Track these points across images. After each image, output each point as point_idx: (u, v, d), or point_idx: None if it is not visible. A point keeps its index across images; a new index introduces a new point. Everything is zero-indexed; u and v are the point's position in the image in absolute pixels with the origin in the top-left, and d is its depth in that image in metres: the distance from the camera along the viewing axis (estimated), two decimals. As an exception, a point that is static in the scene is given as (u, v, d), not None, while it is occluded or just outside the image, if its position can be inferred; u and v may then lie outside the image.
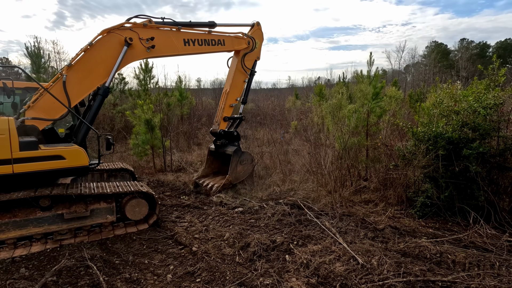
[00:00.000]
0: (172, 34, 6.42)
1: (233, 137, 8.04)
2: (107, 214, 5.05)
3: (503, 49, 48.26)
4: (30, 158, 4.40)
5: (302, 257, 4.23)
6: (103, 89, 5.58)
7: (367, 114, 8.24)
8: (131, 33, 5.72)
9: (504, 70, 5.53)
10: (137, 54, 5.94)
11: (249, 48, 7.88)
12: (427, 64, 49.86)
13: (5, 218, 4.34)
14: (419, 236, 4.97)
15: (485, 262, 4.00)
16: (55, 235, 4.75)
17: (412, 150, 5.94)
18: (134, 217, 5.38)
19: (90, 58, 5.33)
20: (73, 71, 5.19)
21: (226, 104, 7.99)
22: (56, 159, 4.63)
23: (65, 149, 4.75)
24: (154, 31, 6.10)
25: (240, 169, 7.92)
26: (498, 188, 5.53)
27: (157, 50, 6.16)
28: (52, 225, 4.66)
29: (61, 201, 4.73)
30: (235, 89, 8.08)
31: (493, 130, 5.33)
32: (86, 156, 4.96)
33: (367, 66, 8.56)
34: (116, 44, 5.58)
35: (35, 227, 4.54)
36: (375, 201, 6.62)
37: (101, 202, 5.01)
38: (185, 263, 4.28)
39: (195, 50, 6.84)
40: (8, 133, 4.19)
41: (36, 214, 4.54)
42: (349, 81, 22.35)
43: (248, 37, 7.87)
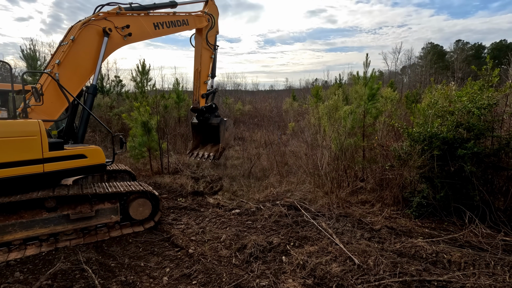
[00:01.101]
0: (142, 20, 6.64)
1: (212, 109, 8.95)
2: (112, 214, 5.13)
3: (498, 50, 48.70)
4: (58, 157, 4.69)
5: (299, 258, 4.23)
6: (91, 88, 5.73)
7: (363, 115, 8.27)
8: (107, 23, 5.84)
9: (497, 71, 5.58)
10: (115, 44, 6.09)
11: (210, 25, 8.46)
12: (423, 65, 50.23)
13: (11, 220, 4.40)
14: (415, 236, 4.98)
15: (480, 261, 4.02)
16: (61, 236, 4.82)
17: (407, 151, 5.97)
18: (138, 217, 5.46)
19: (75, 53, 5.39)
20: (62, 69, 5.22)
21: (201, 82, 8.60)
22: (79, 158, 4.95)
23: (86, 149, 5.08)
24: (127, 19, 6.27)
25: (227, 135, 8.84)
26: (493, 188, 5.57)
27: (133, 37, 6.39)
28: (58, 226, 4.71)
29: (66, 202, 4.80)
30: (205, 66, 8.72)
31: (487, 130, 5.37)
32: (104, 155, 5.26)
33: (364, 67, 8.60)
34: (95, 35, 5.66)
35: (41, 228, 4.59)
36: (371, 202, 6.64)
37: (106, 203, 5.08)
38: (181, 265, 4.27)
39: (164, 32, 7.18)
40: (39, 134, 4.43)
41: (42, 215, 4.59)
42: (346, 83, 22.46)
43: (207, 14, 8.37)
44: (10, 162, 4.26)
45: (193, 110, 8.97)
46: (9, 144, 4.23)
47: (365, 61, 8.19)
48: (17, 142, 4.29)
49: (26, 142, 4.35)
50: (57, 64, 5.20)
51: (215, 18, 8.76)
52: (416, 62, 54.04)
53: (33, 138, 4.40)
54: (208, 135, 9.30)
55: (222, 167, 10.64)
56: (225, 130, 8.77)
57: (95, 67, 5.65)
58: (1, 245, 4.44)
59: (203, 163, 10.27)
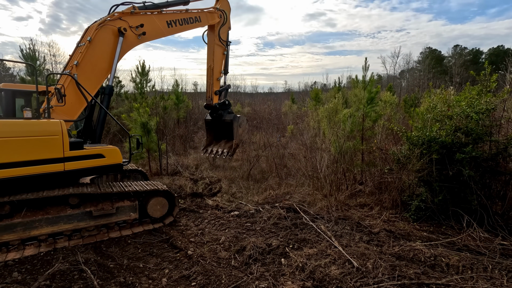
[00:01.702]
0: (156, 18, 6.68)
1: (226, 105, 8.95)
2: (131, 212, 5.32)
3: (496, 55, 49.12)
4: (78, 156, 4.85)
5: (298, 260, 4.24)
6: (108, 88, 5.86)
7: (362, 118, 8.32)
8: (122, 23, 5.91)
9: (495, 76, 5.64)
10: (130, 43, 6.15)
11: (222, 21, 8.46)
12: (421, 70, 50.58)
13: (39, 215, 4.56)
14: (413, 239, 5.00)
15: (478, 265, 4.05)
16: (82, 232, 5.00)
17: (406, 154, 6.01)
18: (155, 215, 5.68)
19: (91, 53, 5.49)
20: (80, 70, 5.34)
21: (214, 79, 8.61)
22: (98, 158, 5.08)
23: (104, 149, 5.22)
24: (141, 18, 6.31)
25: (241, 132, 8.91)
26: (491, 192, 5.61)
27: (147, 36, 6.44)
28: (81, 222, 4.89)
29: (89, 200, 5.00)
30: (218, 63, 8.74)
31: (485, 135, 5.42)
32: (121, 155, 5.40)
33: (362, 71, 8.67)
34: (111, 35, 5.75)
35: (65, 223, 4.76)
36: (370, 205, 6.66)
37: (125, 201, 5.28)
38: (180, 266, 4.26)
39: (178, 30, 7.24)
40: (61, 134, 4.59)
41: (67, 212, 4.76)
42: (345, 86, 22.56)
43: (219, 10, 8.38)
44: (33, 161, 4.41)
45: (207, 107, 8.98)
46: (32, 143, 4.38)
47: (364, 65, 8.25)
48: (40, 141, 4.44)
49: (48, 141, 4.51)
50: (75, 65, 5.32)
51: (227, 14, 8.78)
52: (414, 67, 54.44)
53: (55, 138, 4.56)
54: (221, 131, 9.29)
55: (221, 168, 10.65)
56: (238, 126, 8.81)
57: (111, 67, 5.75)
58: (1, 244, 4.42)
59: (203, 165, 10.30)
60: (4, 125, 4.24)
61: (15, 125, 4.32)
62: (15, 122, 4.37)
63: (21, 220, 4.43)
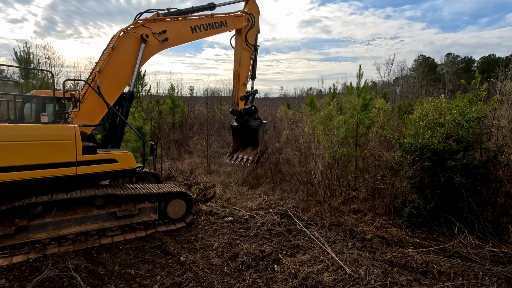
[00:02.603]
0: (180, 24, 6.72)
1: (252, 111, 8.85)
2: (151, 213, 5.55)
3: (487, 64, 50.11)
4: (91, 161, 4.99)
5: (291, 267, 4.23)
6: (128, 94, 5.99)
7: (356, 125, 8.40)
8: (145, 29, 6.03)
9: (486, 85, 5.76)
10: (152, 49, 6.25)
11: (249, 24, 8.30)
12: (415, 77, 51.30)
13: (68, 215, 4.78)
14: (406, 246, 5.03)
15: (469, 271, 4.08)
16: (107, 232, 5.22)
17: (399, 161, 6.07)
18: (174, 216, 5.91)
19: (114, 60, 5.65)
20: (103, 76, 5.51)
21: (240, 84, 8.51)
22: (111, 162, 5.21)
23: (118, 154, 5.34)
24: (164, 24, 6.37)
25: (266, 138, 8.79)
26: (481, 199, 5.67)
27: (170, 42, 6.51)
28: (106, 222, 5.11)
29: (113, 201, 5.20)
30: (245, 67, 8.60)
31: (476, 143, 5.51)
32: (134, 160, 5.52)
33: (357, 78, 8.78)
34: (133, 42, 5.87)
35: (91, 223, 4.98)
36: (363, 211, 6.69)
37: (146, 202, 5.50)
38: (172, 273, 4.22)
39: (202, 35, 7.23)
40: (74, 139, 4.74)
41: (93, 212, 4.98)
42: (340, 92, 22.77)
43: (247, 13, 8.22)
44: (47, 164, 4.56)
45: (232, 113, 8.89)
46: (47, 146, 4.54)
47: (358, 73, 8.36)
48: (54, 145, 4.60)
49: (61, 146, 4.66)
50: (98, 72, 5.47)
51: (256, 17, 8.58)
52: (408, 74, 55.23)
53: (68, 142, 4.70)
54: (247, 138, 9.16)
55: (216, 174, 10.61)
56: (264, 133, 8.67)
57: (132, 73, 5.87)
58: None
59: (197, 170, 10.28)
60: (20, 130, 4.41)
61: (31, 129, 4.51)
62: (31, 127, 4.56)
63: (52, 220, 4.64)
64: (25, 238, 4.49)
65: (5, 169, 4.23)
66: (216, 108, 26.35)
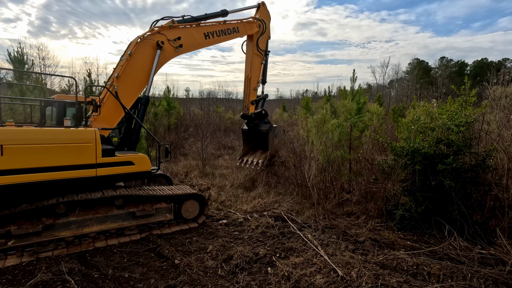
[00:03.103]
0: (193, 31, 6.93)
1: (262, 115, 9.07)
2: (167, 213, 5.81)
3: (480, 68, 50.99)
4: (109, 163, 5.20)
5: (284, 269, 4.28)
6: (144, 99, 6.23)
7: (350, 128, 8.51)
8: (161, 36, 6.25)
9: (475, 91, 5.90)
10: (167, 56, 6.46)
11: (261, 31, 8.52)
12: (409, 80, 51.92)
13: (90, 214, 5.02)
14: (397, 248, 5.12)
15: (458, 273, 4.17)
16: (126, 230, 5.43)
17: (391, 165, 6.18)
18: (188, 216, 6.14)
19: (131, 66, 5.89)
20: (120, 81, 5.74)
21: (251, 88, 8.71)
22: (128, 165, 5.43)
23: (134, 156, 5.58)
24: (178, 31, 6.58)
25: (276, 142, 8.95)
26: (471, 202, 5.80)
27: (184, 48, 6.73)
28: (125, 221, 5.34)
29: (132, 201, 5.43)
30: (256, 72, 8.81)
31: (465, 147, 5.63)
32: (150, 163, 5.75)
33: (351, 82, 8.90)
34: (150, 49, 6.10)
35: (112, 222, 5.22)
36: (356, 214, 6.78)
37: (162, 203, 5.74)
38: (166, 276, 4.24)
39: (215, 41, 7.43)
40: (94, 142, 4.97)
41: (113, 212, 5.22)
42: (335, 95, 22.97)
43: (258, 20, 8.45)
44: (69, 165, 4.81)
45: (243, 117, 9.08)
46: (70, 149, 4.78)
47: (352, 77, 8.49)
48: (76, 148, 4.84)
49: (83, 148, 4.91)
50: (116, 77, 5.71)
51: (267, 23, 8.80)
52: (403, 77, 55.87)
53: (89, 145, 4.93)
54: (258, 141, 9.31)
55: (211, 176, 10.64)
56: (274, 137, 8.84)
57: (148, 79, 6.10)
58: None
59: (192, 172, 10.30)
60: (46, 133, 4.66)
61: (56, 133, 4.76)
62: (56, 130, 4.82)
63: (76, 219, 4.89)
64: (51, 236, 4.71)
65: (32, 170, 4.48)
66: (212, 110, 26.38)
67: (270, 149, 8.69)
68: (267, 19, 8.87)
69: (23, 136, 4.42)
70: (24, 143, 4.38)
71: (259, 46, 8.63)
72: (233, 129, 23.69)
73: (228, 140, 18.45)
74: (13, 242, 4.46)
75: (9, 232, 4.41)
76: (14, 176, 4.33)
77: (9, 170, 4.28)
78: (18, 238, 4.48)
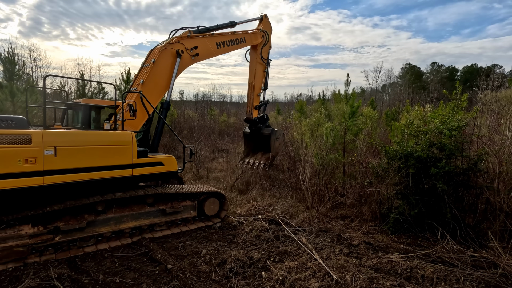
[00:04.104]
0: (207, 40, 7.46)
1: (264, 120, 9.68)
2: (191, 210, 6.24)
3: (470, 73, 52.03)
4: (143, 164, 5.57)
5: (278, 273, 4.25)
6: (166, 103, 6.70)
7: (344, 132, 8.55)
8: (180, 46, 6.73)
9: (466, 95, 5.99)
10: (185, 63, 6.94)
11: (264, 41, 9.22)
12: (402, 85, 52.67)
13: (126, 212, 5.39)
14: (391, 251, 5.13)
15: (451, 276, 4.19)
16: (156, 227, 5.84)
17: (385, 168, 6.21)
18: (210, 213, 6.48)
19: (154, 73, 6.33)
20: (144, 87, 6.15)
21: (254, 94, 9.33)
22: (158, 165, 5.80)
23: (163, 157, 5.99)
24: (195, 40, 7.11)
25: (277, 145, 9.43)
26: (463, 205, 5.86)
27: (200, 57, 7.22)
28: (156, 218, 5.75)
29: (162, 200, 5.83)
30: (259, 79, 9.48)
31: (457, 150, 5.70)
32: (176, 163, 6.13)
33: (345, 86, 8.98)
34: (170, 57, 6.58)
35: (144, 219, 5.60)
36: (351, 217, 6.79)
37: (187, 201, 6.15)
38: (159, 281, 4.16)
39: (225, 50, 8.01)
40: (131, 144, 5.34)
41: (145, 209, 5.60)
42: (329, 99, 23.13)
43: (262, 31, 9.12)
44: (110, 166, 5.14)
45: (246, 121, 9.67)
46: (111, 151, 5.14)
47: (346, 81, 8.56)
48: (116, 149, 5.20)
49: (122, 150, 5.26)
50: (141, 83, 6.11)
51: (269, 34, 9.50)
52: (395, 81, 56.67)
53: (127, 147, 5.30)
54: (259, 144, 9.92)
55: (205, 179, 10.55)
56: (276, 139, 9.36)
57: (168, 85, 6.57)
58: None
59: (186, 175, 10.26)
60: (90, 135, 4.99)
61: (97, 135, 5.09)
62: (97, 133, 5.13)
63: (113, 215, 5.24)
64: (92, 232, 5.05)
65: (79, 170, 4.84)
66: (206, 113, 26.28)
67: (272, 151, 9.22)
68: (269, 30, 9.54)
69: (72, 138, 4.78)
70: (73, 144, 4.75)
71: (263, 56, 9.27)
72: (227, 132, 23.63)
73: (223, 143, 18.38)
74: (60, 237, 4.76)
75: (57, 228, 4.71)
76: (65, 176, 4.70)
77: (61, 169, 4.65)
78: (65, 233, 4.80)
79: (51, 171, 4.54)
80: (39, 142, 4.41)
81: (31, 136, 4.36)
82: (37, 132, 4.42)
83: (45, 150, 4.45)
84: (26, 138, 4.32)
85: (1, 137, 4.14)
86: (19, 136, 4.28)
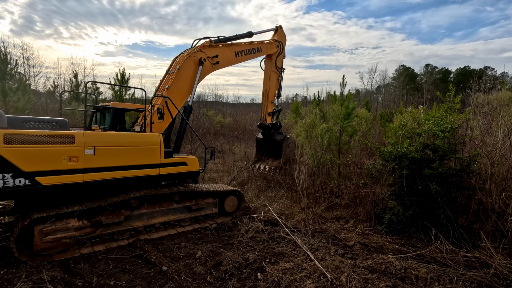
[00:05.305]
0: (227, 49, 7.84)
1: (277, 126, 10.08)
2: (213, 207, 6.57)
3: (462, 75, 52.72)
4: (169, 163, 5.91)
5: (274, 275, 4.25)
6: (188, 107, 7.09)
7: (339, 133, 8.60)
8: (202, 54, 7.16)
9: (459, 98, 6.08)
10: (207, 71, 7.34)
11: (278, 51, 9.69)
12: (396, 86, 53.21)
13: (156, 207, 5.77)
14: (386, 252, 5.17)
15: (444, 277, 4.25)
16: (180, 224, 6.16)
17: (379, 169, 6.26)
18: (229, 210, 6.86)
19: (178, 79, 6.75)
20: (170, 92, 6.55)
21: (269, 101, 9.77)
22: (182, 165, 6.13)
23: (187, 158, 6.32)
24: (216, 49, 7.49)
25: (288, 151, 9.74)
26: (456, 206, 5.93)
27: (220, 65, 7.60)
28: (182, 214, 6.10)
29: (187, 197, 6.19)
30: (273, 87, 9.94)
31: (450, 152, 5.77)
32: (198, 163, 6.46)
33: (340, 87, 9.03)
34: (193, 64, 7.01)
35: (172, 215, 5.97)
36: (346, 218, 6.83)
37: (209, 198, 6.47)
38: (154, 283, 4.13)
39: (243, 59, 8.36)
40: (159, 145, 5.72)
41: (173, 205, 5.97)
42: (324, 100, 23.25)
43: (276, 41, 9.59)
44: (140, 165, 5.52)
45: (260, 126, 10.04)
46: (141, 151, 5.53)
47: (342, 82, 8.62)
48: (146, 150, 5.58)
49: (151, 150, 5.64)
50: (166, 88, 6.52)
51: (283, 44, 9.99)
52: (390, 83, 57.24)
53: (156, 147, 5.68)
54: (271, 149, 10.26)
55: (201, 180, 10.51)
56: (287, 146, 9.69)
57: (190, 90, 7.00)
58: None
59: None
60: (125, 137, 5.40)
61: (130, 136, 5.47)
62: (130, 134, 5.53)
63: (146, 211, 5.62)
64: (128, 226, 5.40)
65: (114, 168, 5.21)
66: (202, 113, 26.18)
67: (283, 157, 9.55)
68: (283, 40, 10.07)
69: (109, 139, 5.18)
70: (110, 145, 5.15)
71: (277, 65, 9.75)
72: (223, 132, 23.57)
73: (218, 144, 18.33)
74: (101, 231, 5.12)
75: (99, 222, 5.07)
76: (101, 173, 5.07)
77: (98, 168, 5.04)
78: (105, 227, 5.15)
79: (90, 169, 4.95)
80: (81, 142, 4.83)
81: (74, 137, 4.77)
82: (79, 133, 4.85)
83: (86, 150, 4.87)
84: (70, 139, 4.73)
85: (49, 138, 4.54)
86: (64, 137, 4.68)
